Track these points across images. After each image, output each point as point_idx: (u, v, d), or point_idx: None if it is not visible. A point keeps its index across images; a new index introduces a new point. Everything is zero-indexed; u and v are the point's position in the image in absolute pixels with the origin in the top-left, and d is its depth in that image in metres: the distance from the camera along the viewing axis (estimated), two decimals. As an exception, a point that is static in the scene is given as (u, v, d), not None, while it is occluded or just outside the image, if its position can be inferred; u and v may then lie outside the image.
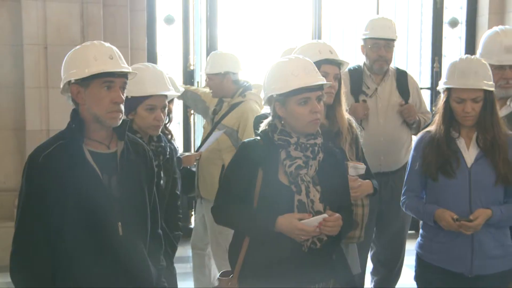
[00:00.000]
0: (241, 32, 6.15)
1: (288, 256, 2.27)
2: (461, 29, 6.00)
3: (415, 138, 3.86)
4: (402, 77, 3.79)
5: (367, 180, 2.72)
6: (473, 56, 2.70)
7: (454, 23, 5.99)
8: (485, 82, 2.58)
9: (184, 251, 4.14)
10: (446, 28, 5.99)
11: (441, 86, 2.69)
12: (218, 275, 2.51)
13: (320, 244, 2.28)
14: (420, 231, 2.80)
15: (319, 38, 5.75)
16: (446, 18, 5.97)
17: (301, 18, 5.99)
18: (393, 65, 3.89)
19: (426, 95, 6.04)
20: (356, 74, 3.63)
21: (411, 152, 2.80)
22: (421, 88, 5.98)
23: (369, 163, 2.83)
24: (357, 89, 3.61)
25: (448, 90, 2.64)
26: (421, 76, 6.15)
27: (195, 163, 3.80)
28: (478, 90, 2.57)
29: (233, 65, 3.85)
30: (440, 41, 5.97)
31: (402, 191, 2.84)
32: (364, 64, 3.77)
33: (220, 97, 3.88)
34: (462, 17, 5.99)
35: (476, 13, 5.92)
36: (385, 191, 3.36)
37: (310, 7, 5.76)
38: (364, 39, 3.72)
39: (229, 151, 3.63)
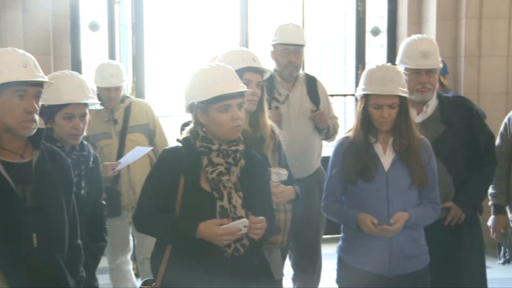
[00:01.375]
0: (167, 39, 6.11)
1: (210, 263, 2.27)
2: (383, 37, 6.21)
3: (326, 143, 3.98)
4: (311, 83, 3.84)
5: (289, 186, 2.76)
6: (388, 64, 2.80)
7: (376, 32, 6.17)
8: (401, 88, 2.68)
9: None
10: (368, 36, 6.17)
11: (359, 92, 2.77)
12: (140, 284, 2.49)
13: (243, 250, 2.30)
14: (341, 234, 2.86)
15: (246, 45, 5.80)
16: (369, 27, 6.16)
17: (228, 26, 6.02)
18: (302, 71, 3.93)
19: (351, 102, 6.22)
20: (267, 81, 3.63)
21: (330, 157, 2.85)
22: (346, 95, 6.24)
23: (284, 169, 2.87)
24: (269, 95, 3.64)
25: (366, 97, 2.72)
26: (346, 83, 6.32)
27: (115, 173, 3.76)
28: (394, 96, 2.66)
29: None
30: (363, 49, 6.15)
31: (323, 197, 2.90)
32: (275, 70, 3.78)
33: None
34: (383, 26, 6.20)
35: (396, 23, 6.14)
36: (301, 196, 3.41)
37: (237, 14, 5.81)
38: (274, 45, 3.75)
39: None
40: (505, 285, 3.59)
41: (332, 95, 6.09)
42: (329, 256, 3.84)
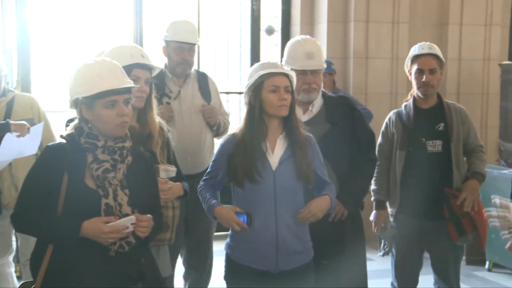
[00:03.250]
0: (56, 32, 5.87)
1: (94, 262, 2.23)
2: (277, 36, 6.35)
3: (217, 141, 4.00)
4: (203, 79, 3.85)
5: (177, 183, 2.77)
6: (275, 60, 2.87)
7: (270, 31, 6.30)
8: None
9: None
10: (263, 35, 6.29)
11: (253, 79, 2.68)
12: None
13: (128, 247, 2.28)
14: (229, 231, 2.87)
15: (141, 40, 5.72)
16: (263, 26, 6.28)
17: (122, 21, 5.88)
18: (195, 68, 3.91)
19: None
20: (158, 77, 3.59)
21: (215, 153, 2.84)
22: (241, 93, 6.30)
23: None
24: (160, 92, 3.61)
25: (259, 87, 2.68)
26: (241, 81, 6.40)
27: None
28: (288, 80, 2.69)
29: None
30: (258, 47, 6.27)
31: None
32: (166, 66, 3.75)
33: None
34: (278, 25, 6.34)
35: (290, 23, 6.30)
36: (191, 193, 3.41)
37: (131, 9, 5.71)
38: (167, 41, 3.71)
39: None
40: (385, 275, 3.80)
41: (227, 93, 6.17)
42: (221, 253, 3.88)
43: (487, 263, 5.14)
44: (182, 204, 2.96)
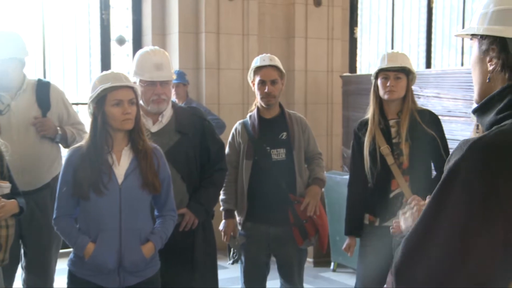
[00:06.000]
0: None
1: None
2: (129, 46, 6.26)
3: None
4: (43, 89, 3.59)
5: (12, 200, 2.61)
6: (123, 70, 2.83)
7: (121, 41, 6.19)
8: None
9: None
10: (114, 45, 6.16)
11: (97, 92, 2.64)
12: None
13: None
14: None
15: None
16: (114, 35, 6.15)
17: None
18: (34, 78, 3.68)
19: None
20: None
21: (62, 168, 2.73)
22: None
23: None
24: None
25: (101, 102, 2.64)
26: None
27: None
28: (132, 92, 2.69)
29: None
30: (108, 57, 6.14)
31: (55, 207, 2.76)
32: None
33: None
34: (129, 35, 6.25)
35: (141, 33, 6.24)
36: (26, 211, 3.20)
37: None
38: None
39: None
40: (237, 282, 3.85)
41: (77, 104, 5.95)
42: (64, 271, 3.70)
43: (332, 264, 5.42)
44: (17, 222, 2.79)
